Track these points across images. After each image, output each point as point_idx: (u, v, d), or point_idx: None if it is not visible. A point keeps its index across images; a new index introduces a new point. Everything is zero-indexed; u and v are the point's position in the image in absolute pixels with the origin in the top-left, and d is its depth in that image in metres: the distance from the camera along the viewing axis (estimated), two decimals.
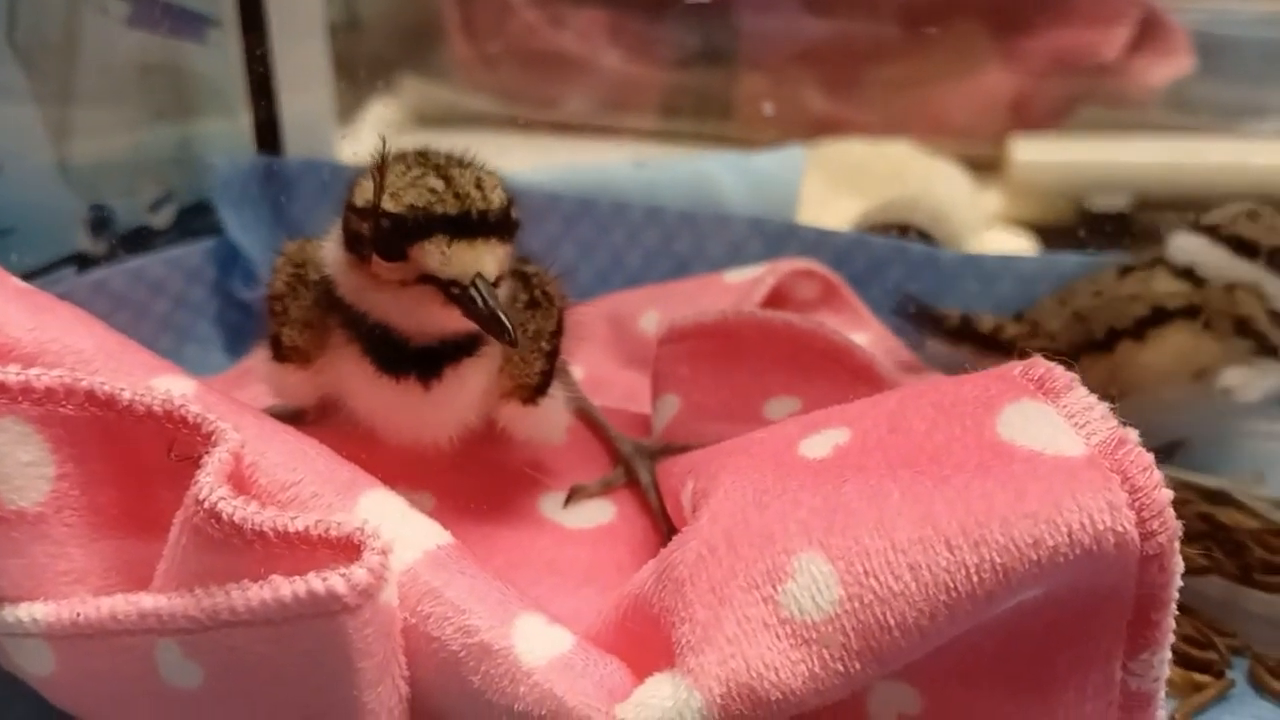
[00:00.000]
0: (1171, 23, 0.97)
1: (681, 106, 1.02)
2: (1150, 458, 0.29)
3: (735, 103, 1.01)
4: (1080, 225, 0.84)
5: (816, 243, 0.59)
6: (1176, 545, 0.29)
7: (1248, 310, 0.51)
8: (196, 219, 0.64)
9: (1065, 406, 0.31)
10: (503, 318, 0.35)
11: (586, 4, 1.04)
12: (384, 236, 0.36)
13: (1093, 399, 0.31)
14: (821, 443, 0.34)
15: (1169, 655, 0.30)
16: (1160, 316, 0.51)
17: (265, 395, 0.54)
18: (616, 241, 0.61)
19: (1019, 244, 0.80)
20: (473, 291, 0.36)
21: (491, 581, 0.32)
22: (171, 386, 0.35)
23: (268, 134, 0.64)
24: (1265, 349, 0.51)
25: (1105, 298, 0.53)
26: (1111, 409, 0.31)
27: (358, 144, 0.96)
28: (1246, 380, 0.51)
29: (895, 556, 0.28)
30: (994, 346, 0.54)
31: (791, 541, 0.30)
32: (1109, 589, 0.29)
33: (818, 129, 0.93)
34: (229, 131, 0.66)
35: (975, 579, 0.28)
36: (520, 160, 0.91)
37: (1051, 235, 0.82)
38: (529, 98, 1.03)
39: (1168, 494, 0.28)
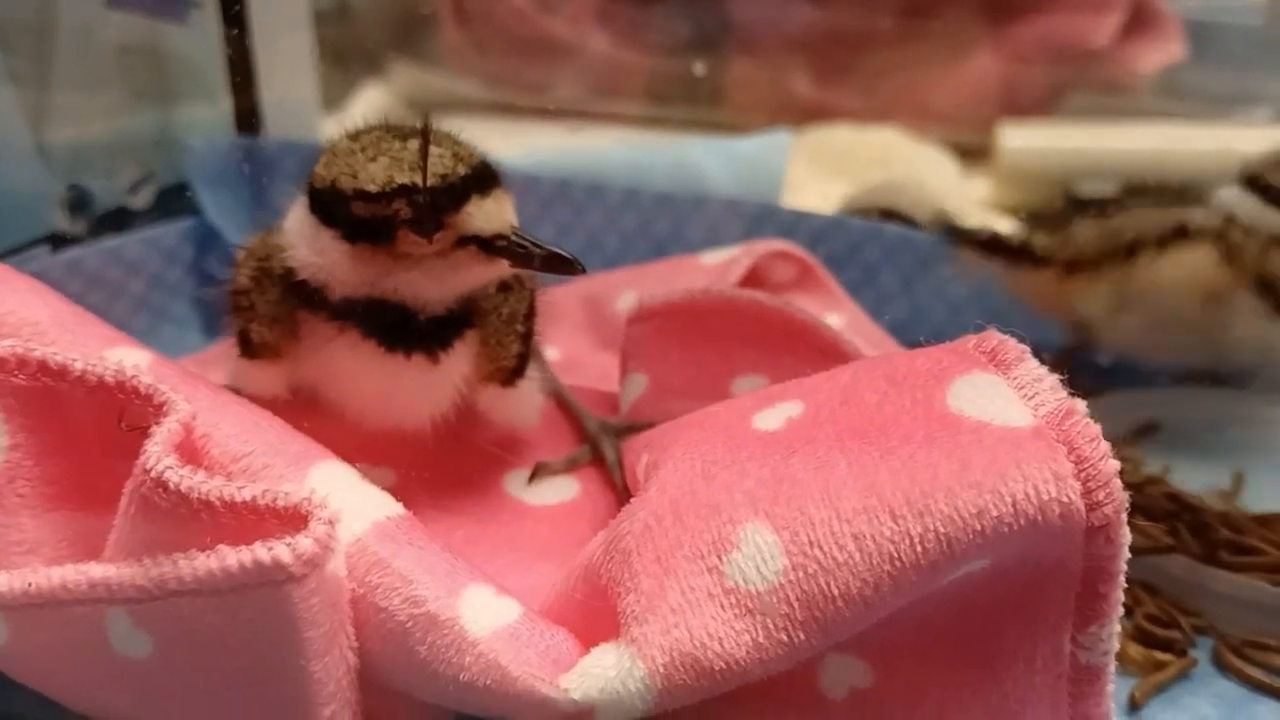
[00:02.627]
0: (1163, 9, 0.97)
1: (670, 92, 1.01)
2: (1098, 429, 0.29)
3: (725, 89, 1.01)
4: (1068, 211, 0.83)
5: (793, 224, 0.59)
6: (1124, 517, 0.28)
7: (1277, 271, 0.51)
8: (177, 201, 0.64)
9: (1015, 378, 0.31)
10: (562, 250, 0.37)
11: None
12: (424, 212, 0.36)
13: (1043, 370, 0.31)
14: (774, 415, 0.34)
15: (1118, 629, 0.30)
16: (1184, 233, 0.52)
17: None
18: (594, 223, 0.61)
19: (1005, 230, 0.80)
20: (515, 239, 0.37)
21: (440, 553, 0.32)
22: (125, 358, 0.35)
23: (249, 119, 0.64)
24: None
25: (1139, 218, 0.54)
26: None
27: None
28: (1257, 329, 0.52)
29: (840, 526, 0.28)
30: (1025, 257, 0.55)
31: (737, 512, 0.30)
32: (1056, 561, 0.29)
33: (807, 115, 0.93)
34: (210, 115, 0.66)
35: (919, 549, 0.28)
36: (510, 146, 0.91)
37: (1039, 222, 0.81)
38: (519, 83, 1.03)
39: (1115, 465, 0.28)
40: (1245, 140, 0.88)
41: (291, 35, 0.68)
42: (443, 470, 0.41)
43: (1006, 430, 0.29)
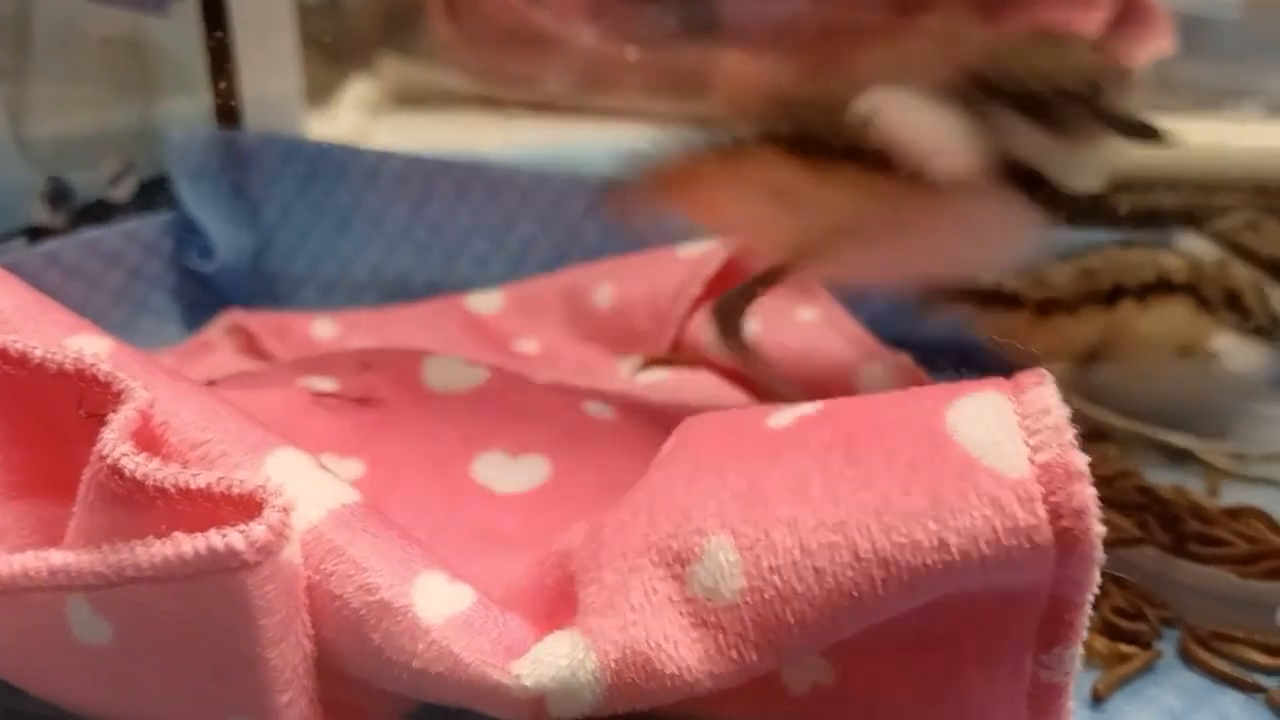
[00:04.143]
0: (1153, 2, 0.97)
1: (659, 86, 1.01)
2: (1092, 495, 0.27)
3: (713, 82, 1.01)
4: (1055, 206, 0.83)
5: None
6: (1095, 567, 0.28)
7: (1239, 284, 0.52)
8: (159, 193, 0.64)
9: (1024, 404, 0.29)
10: None
11: None
12: None
13: (1053, 400, 0.28)
14: (790, 411, 0.33)
15: (1080, 650, 0.30)
16: (1166, 286, 0.52)
17: (220, 367, 0.55)
18: (572, 215, 0.61)
19: None
20: None
21: (396, 540, 0.32)
22: (85, 345, 0.35)
23: (229, 113, 0.64)
24: (1253, 329, 0.52)
25: (1113, 260, 0.54)
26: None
27: (334, 124, 0.96)
28: (1234, 349, 0.52)
29: (802, 558, 0.28)
30: (996, 300, 0.54)
31: (707, 522, 0.30)
32: (1024, 587, 0.29)
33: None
34: (192, 108, 0.66)
35: (881, 591, 0.28)
36: (498, 139, 0.91)
37: None
38: (508, 77, 1.03)
39: (1100, 531, 0.27)
40: (1235, 135, 0.88)
41: (274, 29, 0.68)
42: (411, 460, 0.41)
43: (995, 479, 0.27)
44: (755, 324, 0.53)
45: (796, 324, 0.53)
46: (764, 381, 0.47)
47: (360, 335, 0.57)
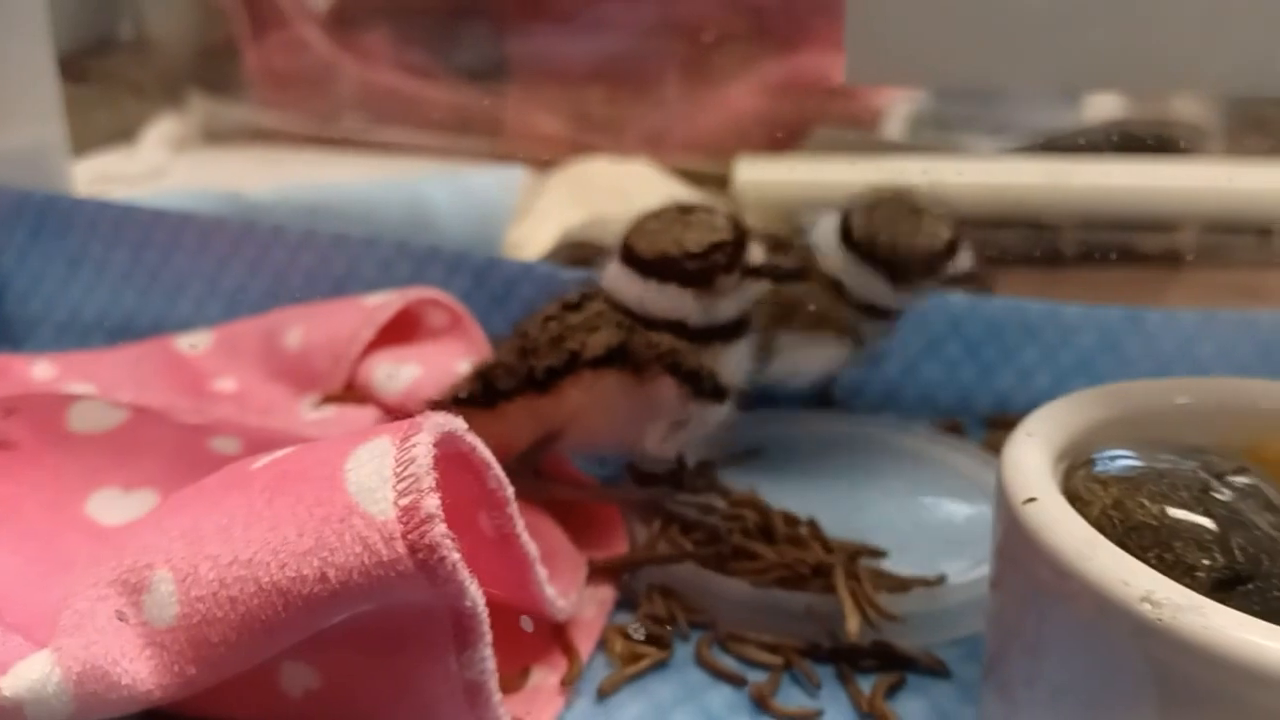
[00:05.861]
0: None
1: (458, 124, 1.07)
2: (441, 533, 0.33)
3: (507, 121, 1.07)
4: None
5: (456, 265, 0.65)
6: (463, 586, 0.34)
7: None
8: None
9: (402, 451, 0.35)
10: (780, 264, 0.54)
11: (369, 23, 1.09)
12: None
13: (422, 450, 0.35)
14: (271, 455, 0.40)
15: (490, 652, 0.37)
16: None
17: None
18: (279, 261, 0.67)
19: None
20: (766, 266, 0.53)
21: None
22: None
23: None
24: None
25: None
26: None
27: (134, 161, 1.01)
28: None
29: (220, 589, 0.35)
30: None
31: (156, 557, 0.36)
32: (428, 601, 0.35)
33: (577, 147, 1.00)
34: None
35: (284, 616, 0.34)
36: (299, 174, 0.97)
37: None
38: (313, 114, 1.08)
39: (455, 558, 0.34)
40: (963, 172, 0.96)
41: (26, 83, 0.73)
42: (29, 497, 0.47)
43: (367, 522, 0.34)
44: (417, 369, 0.60)
45: (453, 375, 0.59)
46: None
47: (74, 375, 0.63)
